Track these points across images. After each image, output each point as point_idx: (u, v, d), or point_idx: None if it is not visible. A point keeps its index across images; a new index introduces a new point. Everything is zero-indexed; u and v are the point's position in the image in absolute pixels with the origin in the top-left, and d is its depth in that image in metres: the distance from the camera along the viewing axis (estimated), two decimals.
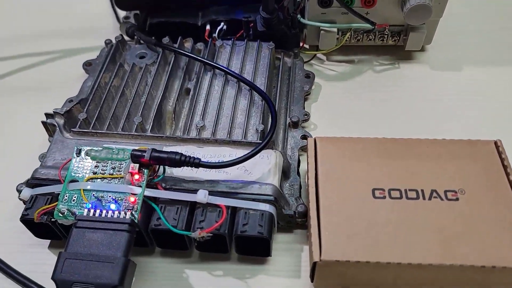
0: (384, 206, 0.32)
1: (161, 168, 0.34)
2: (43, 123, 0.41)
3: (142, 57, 0.46)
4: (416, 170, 0.34)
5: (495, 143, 0.36)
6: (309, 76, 0.47)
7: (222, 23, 0.49)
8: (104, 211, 0.32)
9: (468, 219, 0.31)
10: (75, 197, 0.33)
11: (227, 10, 0.50)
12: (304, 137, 0.41)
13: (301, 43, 0.50)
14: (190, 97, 0.43)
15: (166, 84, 0.43)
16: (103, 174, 0.34)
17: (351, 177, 0.34)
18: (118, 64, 0.45)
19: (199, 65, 0.46)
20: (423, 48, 0.51)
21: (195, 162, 0.33)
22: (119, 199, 0.33)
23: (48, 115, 0.41)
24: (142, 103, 0.41)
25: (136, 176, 0.33)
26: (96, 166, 0.34)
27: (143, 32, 0.49)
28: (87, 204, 0.32)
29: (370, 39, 0.49)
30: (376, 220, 0.32)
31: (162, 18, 0.50)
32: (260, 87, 0.42)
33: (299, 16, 0.48)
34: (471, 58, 0.50)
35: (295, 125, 0.42)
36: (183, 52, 0.46)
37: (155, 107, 0.41)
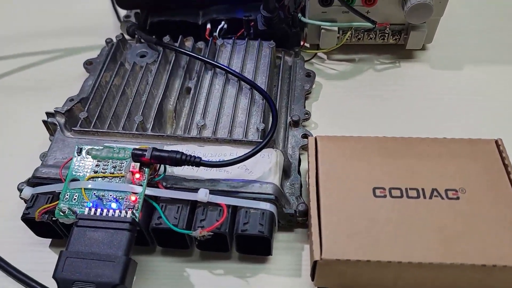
0: (384, 205, 0.32)
1: (162, 167, 0.34)
2: (44, 122, 0.41)
3: (143, 56, 0.46)
4: (416, 169, 0.34)
5: (495, 142, 0.36)
6: (309, 75, 0.47)
7: (223, 22, 0.49)
8: (105, 210, 0.32)
9: (469, 218, 0.31)
10: (76, 196, 0.33)
11: (228, 9, 0.50)
12: (305, 136, 0.41)
13: (301, 42, 0.50)
14: (191, 96, 0.43)
15: (166, 83, 0.43)
16: (104, 173, 0.34)
17: (351, 176, 0.34)
18: (119, 63, 0.45)
19: (199, 64, 0.46)
20: (424, 47, 0.51)
21: (196, 161, 0.33)
22: (120, 198, 0.33)
23: (49, 114, 0.41)
24: (143, 102, 0.41)
25: (137, 175, 0.33)
26: (97, 165, 0.34)
27: (143, 31, 0.49)
28: (88, 203, 0.32)
29: (371, 38, 0.49)
30: (377, 219, 0.32)
31: (162, 17, 0.50)
32: (261, 86, 0.42)
33: (300, 15, 0.48)
34: (472, 57, 0.50)
35: (296, 124, 0.42)
36: (183, 51, 0.46)
37: (156, 106, 0.41)
